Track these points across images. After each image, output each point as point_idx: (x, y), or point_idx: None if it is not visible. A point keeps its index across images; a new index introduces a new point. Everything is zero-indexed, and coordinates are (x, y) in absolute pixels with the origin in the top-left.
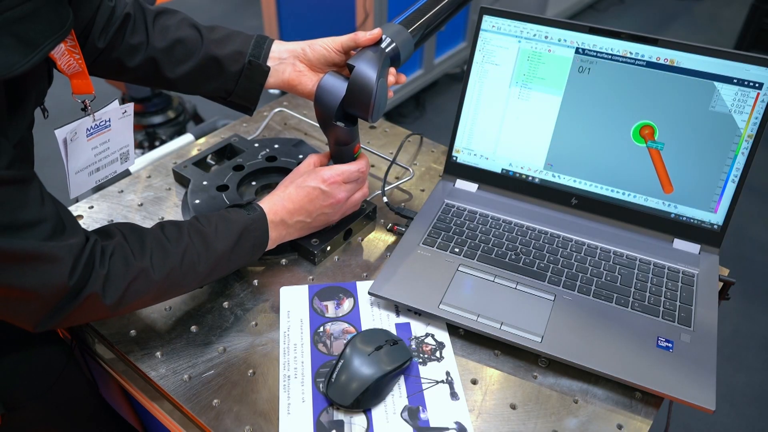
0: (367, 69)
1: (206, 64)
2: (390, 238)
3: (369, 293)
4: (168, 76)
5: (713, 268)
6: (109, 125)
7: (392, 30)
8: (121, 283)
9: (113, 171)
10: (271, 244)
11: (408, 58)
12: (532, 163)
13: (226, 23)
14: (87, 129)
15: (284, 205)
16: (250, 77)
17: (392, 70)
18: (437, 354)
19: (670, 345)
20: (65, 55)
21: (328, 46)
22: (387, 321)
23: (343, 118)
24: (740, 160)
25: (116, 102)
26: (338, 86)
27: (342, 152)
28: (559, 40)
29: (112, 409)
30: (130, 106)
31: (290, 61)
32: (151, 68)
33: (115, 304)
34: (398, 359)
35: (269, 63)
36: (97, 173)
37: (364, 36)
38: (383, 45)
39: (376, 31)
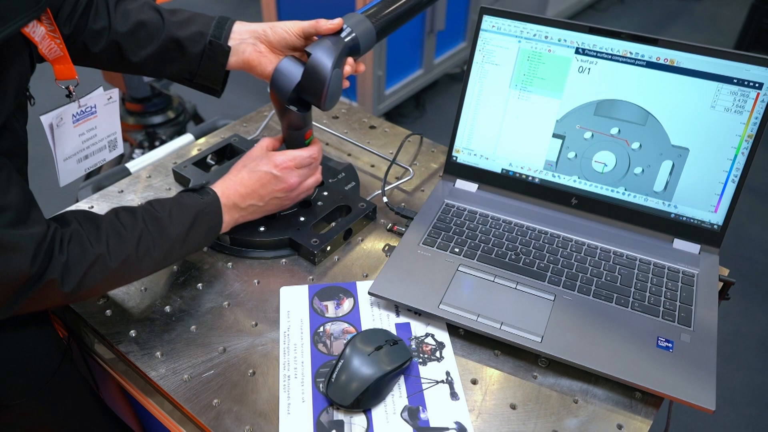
0: (323, 57)
1: (168, 47)
2: (390, 238)
3: (369, 293)
4: (132, 59)
5: (713, 268)
6: (95, 111)
7: (354, 20)
8: (78, 270)
9: (102, 159)
10: (225, 228)
11: (369, 49)
12: (532, 163)
13: None
14: (73, 115)
15: (237, 189)
16: (212, 58)
17: (350, 60)
18: (437, 354)
19: (670, 345)
20: (46, 38)
21: (289, 29)
22: (387, 321)
23: (296, 103)
24: (740, 160)
25: (101, 88)
26: (294, 71)
27: (294, 137)
28: (559, 40)
29: (108, 408)
30: (115, 92)
31: (251, 41)
32: (115, 52)
33: (72, 291)
34: (398, 359)
35: (230, 43)
36: (86, 161)
37: (325, 24)
38: (343, 35)
39: (338, 21)
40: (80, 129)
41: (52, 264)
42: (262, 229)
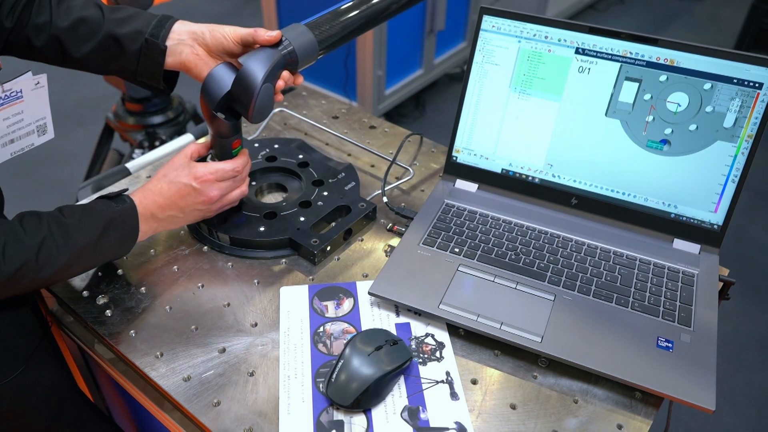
0: (254, 69)
1: (107, 43)
2: (390, 238)
3: (369, 293)
4: (74, 55)
5: (713, 268)
6: (21, 96)
7: (295, 32)
8: None
9: (30, 143)
10: (142, 237)
11: (310, 62)
12: (532, 163)
13: (226, 22)
14: None
15: (155, 200)
16: (150, 56)
17: (285, 74)
18: (437, 354)
19: (670, 345)
20: None
21: (227, 35)
22: (387, 321)
23: (225, 111)
24: (740, 160)
25: (29, 73)
26: (226, 79)
27: (221, 145)
28: (559, 40)
29: (85, 397)
30: (43, 77)
31: (189, 42)
32: (57, 47)
33: None
34: (398, 359)
35: (168, 43)
36: (12, 145)
37: (263, 35)
38: (280, 47)
39: (276, 33)
40: (5, 113)
41: None
42: (262, 229)
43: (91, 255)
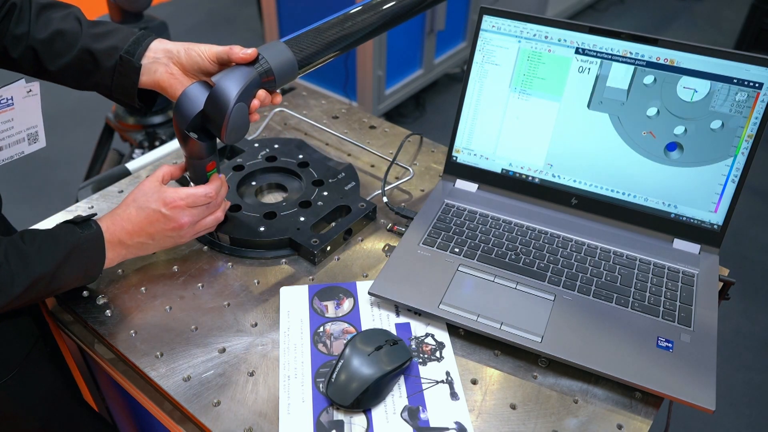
0: (227, 88)
1: (82, 58)
2: (390, 238)
3: (369, 293)
4: (49, 68)
5: (713, 268)
6: (12, 104)
7: (273, 50)
8: None
9: (20, 152)
10: (109, 263)
11: (288, 81)
12: (532, 163)
13: (226, 23)
14: None
15: (123, 226)
16: (124, 74)
17: (261, 93)
18: (437, 354)
19: (670, 345)
20: None
21: (203, 53)
22: (387, 321)
23: (199, 131)
24: (740, 160)
25: (21, 80)
26: (199, 98)
27: (194, 166)
28: (559, 40)
29: (82, 399)
30: (35, 85)
31: (164, 61)
32: (33, 60)
33: None
34: (398, 359)
35: (143, 61)
36: (0, 153)
37: (237, 53)
38: (256, 66)
39: (251, 51)
40: None
41: None
42: (262, 229)
43: (51, 283)
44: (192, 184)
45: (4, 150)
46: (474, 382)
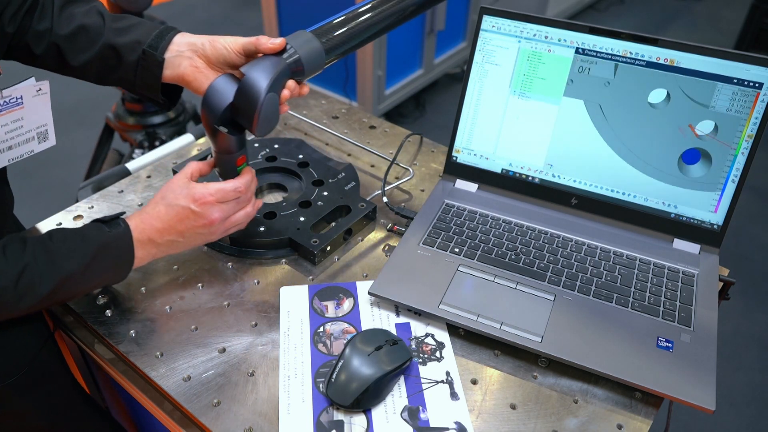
0: (257, 79)
1: (105, 53)
2: (390, 238)
3: (369, 293)
4: (72, 64)
5: (713, 268)
6: (22, 103)
7: (301, 40)
8: None
9: (29, 150)
10: (139, 262)
11: (316, 71)
12: (532, 163)
13: (226, 23)
14: None
15: (152, 224)
16: (147, 68)
17: (291, 83)
18: (437, 354)
19: (670, 345)
20: None
21: (229, 46)
22: (387, 321)
23: (228, 124)
24: (740, 160)
25: (32, 79)
26: (228, 90)
27: (223, 161)
28: (559, 40)
29: (92, 400)
30: (45, 84)
31: (188, 54)
32: (56, 55)
33: None
34: (398, 359)
35: (167, 55)
36: (10, 152)
37: (266, 43)
38: (285, 55)
39: (280, 41)
40: (3, 120)
41: None
42: (262, 229)
43: (79, 282)
44: (221, 179)
45: (14, 149)
46: (474, 382)
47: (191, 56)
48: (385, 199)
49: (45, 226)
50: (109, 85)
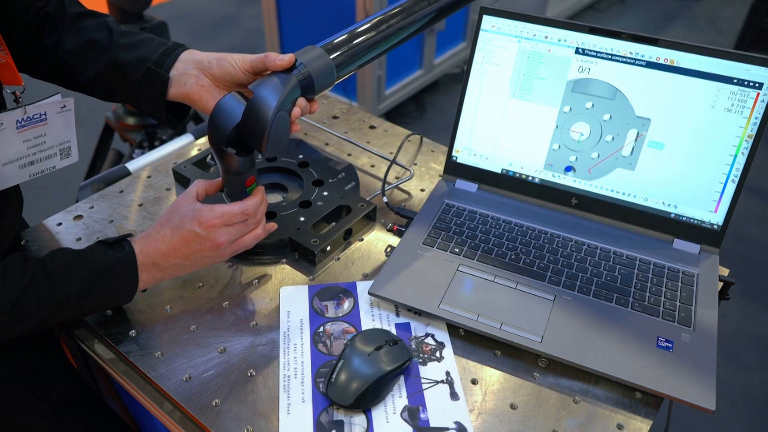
0: (266, 97)
1: (110, 69)
2: (390, 238)
3: (369, 293)
4: (79, 79)
5: (713, 268)
6: (45, 119)
7: (310, 55)
8: None
9: (51, 166)
10: (144, 285)
11: (327, 87)
12: (531, 163)
13: (226, 23)
14: (17, 121)
15: (157, 248)
16: (151, 86)
17: (301, 101)
18: (437, 354)
19: (670, 345)
20: None
21: (236, 64)
22: (387, 321)
23: (236, 145)
24: (740, 160)
25: (58, 96)
26: (236, 110)
27: (231, 183)
28: (559, 40)
29: (100, 400)
30: (70, 101)
31: (194, 72)
32: (64, 70)
33: None
34: (398, 359)
35: (172, 73)
36: (31, 167)
37: (274, 60)
38: (295, 72)
39: (289, 57)
40: (26, 135)
41: None
42: None
43: (79, 305)
44: (228, 200)
45: (36, 164)
46: (474, 382)
47: (197, 74)
48: (385, 199)
49: (45, 226)
50: (117, 102)
